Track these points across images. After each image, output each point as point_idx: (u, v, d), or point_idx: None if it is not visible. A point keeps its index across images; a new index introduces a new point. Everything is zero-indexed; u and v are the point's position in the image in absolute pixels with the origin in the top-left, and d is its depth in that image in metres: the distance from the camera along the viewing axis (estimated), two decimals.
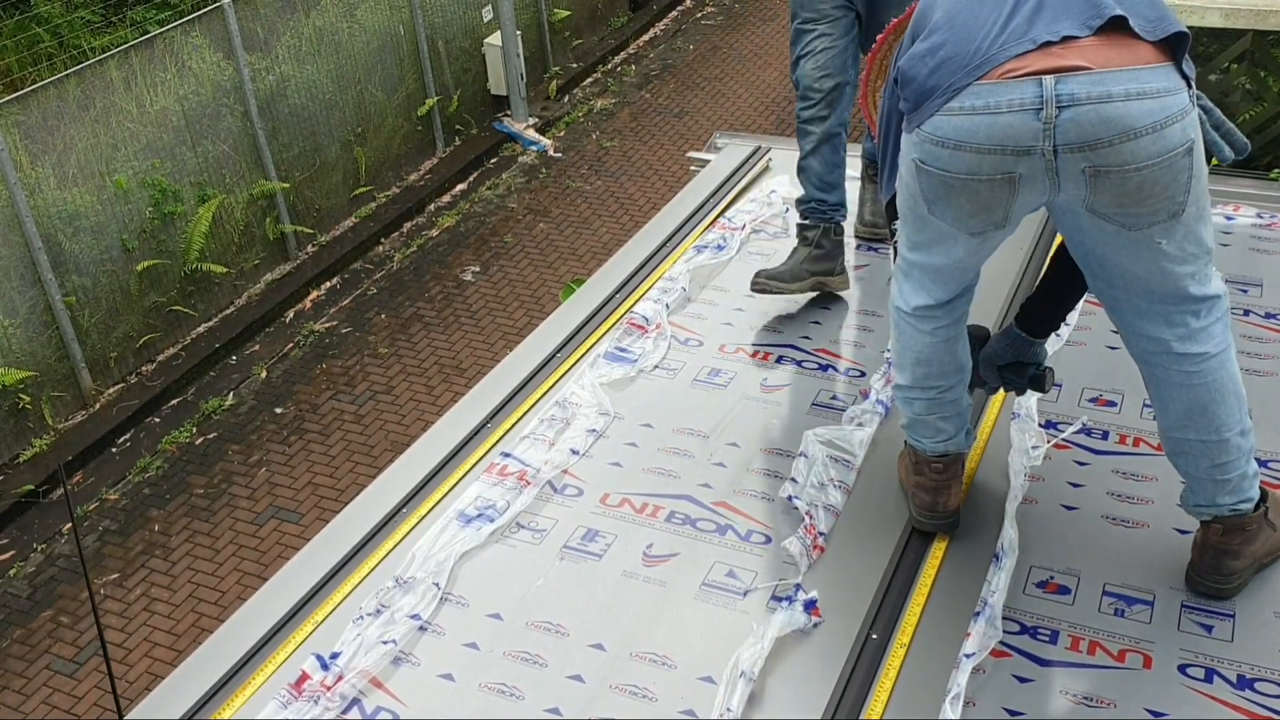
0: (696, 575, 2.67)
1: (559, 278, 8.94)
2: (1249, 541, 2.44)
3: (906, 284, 2.52)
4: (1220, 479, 2.41)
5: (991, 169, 2.19)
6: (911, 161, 2.31)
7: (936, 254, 2.42)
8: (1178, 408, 2.39)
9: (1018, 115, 2.13)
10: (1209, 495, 2.44)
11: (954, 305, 2.52)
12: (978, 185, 2.23)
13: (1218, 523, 2.44)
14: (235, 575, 6.54)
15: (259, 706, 2.39)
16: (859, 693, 2.33)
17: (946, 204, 2.29)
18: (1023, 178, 2.19)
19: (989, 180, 2.21)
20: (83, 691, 5.88)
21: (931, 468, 2.65)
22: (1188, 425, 2.39)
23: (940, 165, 2.24)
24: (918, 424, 2.65)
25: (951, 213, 2.31)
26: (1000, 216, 2.29)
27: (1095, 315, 3.46)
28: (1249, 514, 2.43)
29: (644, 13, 13.22)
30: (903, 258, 2.52)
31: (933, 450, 2.65)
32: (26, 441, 7.48)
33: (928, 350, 2.55)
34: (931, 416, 2.62)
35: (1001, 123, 2.14)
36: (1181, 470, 2.48)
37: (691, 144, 9.99)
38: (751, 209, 4.21)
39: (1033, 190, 2.22)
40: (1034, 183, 2.20)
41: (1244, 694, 2.28)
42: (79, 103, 7.52)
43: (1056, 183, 2.19)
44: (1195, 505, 2.48)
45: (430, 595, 2.64)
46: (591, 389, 3.30)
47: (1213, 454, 2.39)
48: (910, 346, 2.57)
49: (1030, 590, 2.55)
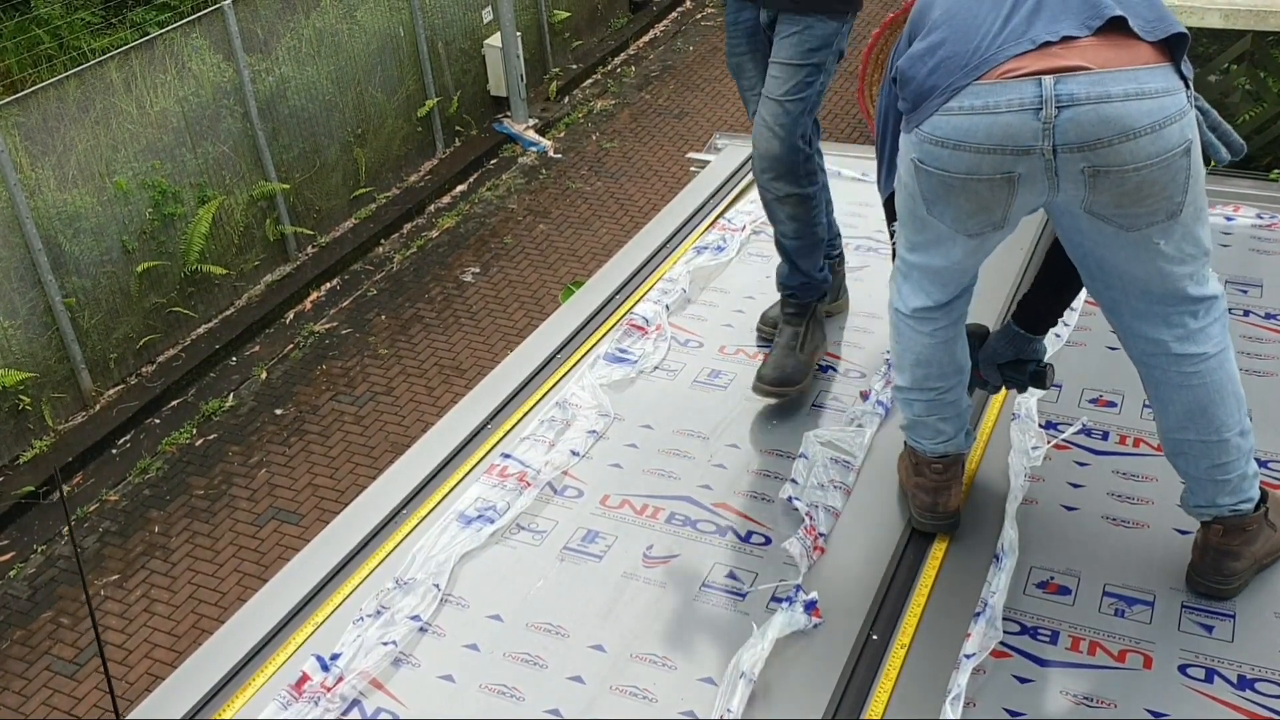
0: (696, 576, 2.67)
1: (559, 279, 8.94)
2: (1249, 542, 2.44)
3: (905, 286, 2.52)
4: (1220, 479, 2.41)
5: (991, 169, 2.19)
6: (910, 161, 2.31)
7: (935, 255, 2.42)
8: (1177, 409, 2.39)
9: (1017, 115, 2.13)
10: (1209, 496, 2.44)
11: (952, 307, 2.52)
12: (977, 185, 2.22)
13: (1218, 523, 2.44)
14: (235, 576, 6.54)
15: (259, 707, 2.39)
16: (859, 693, 2.33)
17: (945, 204, 2.29)
18: (1022, 177, 2.19)
19: (988, 180, 2.21)
20: (83, 693, 5.88)
21: (931, 469, 2.65)
22: (1187, 426, 2.39)
23: (939, 165, 2.24)
24: (917, 425, 2.65)
25: (951, 213, 2.30)
26: (999, 217, 2.29)
27: (1095, 316, 3.46)
28: (1249, 514, 2.43)
29: (644, 14, 13.22)
30: (901, 259, 2.52)
31: (932, 451, 2.65)
32: (27, 443, 7.48)
33: (927, 352, 2.55)
34: (931, 418, 2.62)
35: (1001, 122, 2.14)
36: (1181, 471, 2.48)
37: (691, 145, 9.99)
38: (751, 210, 4.21)
39: (1032, 190, 2.22)
40: (1033, 183, 2.20)
41: (1244, 694, 2.27)
42: (79, 104, 7.52)
43: (1055, 183, 2.19)
44: (1195, 506, 2.48)
45: (430, 596, 2.64)
46: (592, 390, 3.30)
47: (1212, 454, 2.39)
48: (909, 348, 2.57)
49: (1030, 591, 2.55)
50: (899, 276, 2.54)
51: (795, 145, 3.11)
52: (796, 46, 3.02)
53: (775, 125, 3.08)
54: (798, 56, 3.03)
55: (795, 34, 3.01)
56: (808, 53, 3.02)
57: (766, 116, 3.09)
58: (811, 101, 3.09)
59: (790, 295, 3.34)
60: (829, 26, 3.01)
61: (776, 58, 3.07)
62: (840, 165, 4.43)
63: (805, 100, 3.07)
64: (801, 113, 3.08)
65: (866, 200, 4.27)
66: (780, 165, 3.13)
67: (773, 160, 3.13)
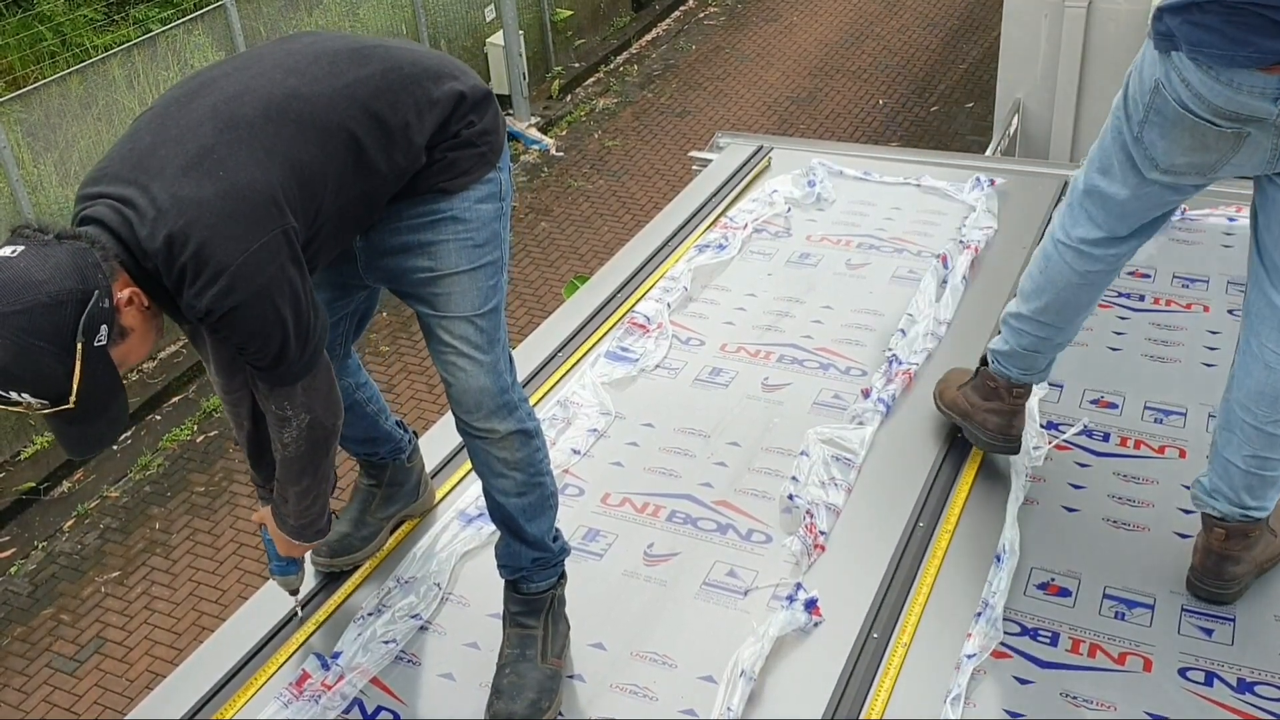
0: (697, 575, 2.67)
1: (561, 276, 8.93)
2: (1250, 547, 2.45)
3: (1078, 213, 2.52)
4: (1254, 473, 2.39)
5: (1226, 122, 2.19)
6: (1154, 78, 2.25)
7: (1120, 184, 2.40)
8: (1253, 384, 2.36)
9: (1259, 100, 2.12)
10: (1233, 486, 2.41)
11: (1119, 246, 2.51)
12: (1207, 129, 2.22)
13: (1220, 527, 2.43)
14: (236, 574, 6.54)
15: (260, 706, 2.39)
16: (859, 692, 2.33)
17: (1163, 131, 2.27)
18: (1250, 137, 2.19)
19: (1218, 129, 2.21)
20: (83, 690, 5.88)
21: (1012, 394, 2.76)
22: (1251, 407, 2.36)
23: (1178, 99, 2.21)
24: (1015, 355, 2.73)
25: (1164, 143, 2.29)
26: (1212, 163, 2.27)
27: (1096, 316, 3.46)
28: (1258, 521, 2.43)
29: (646, 12, 13.22)
30: (1078, 186, 2.52)
31: (1018, 379, 2.75)
32: (28, 439, 7.48)
33: (1067, 289, 2.57)
34: (1033, 351, 2.71)
35: (1239, 100, 2.13)
36: (1220, 448, 2.44)
37: (694, 143, 9.99)
38: (753, 208, 4.21)
39: (1254, 153, 2.22)
40: (1258, 147, 2.21)
41: (1244, 697, 2.27)
42: (81, 101, 7.52)
43: (1278, 154, 2.20)
44: (1212, 491, 2.45)
45: (431, 595, 2.64)
46: (593, 388, 3.30)
47: (1257, 446, 2.37)
48: (1054, 280, 2.58)
49: (1031, 592, 2.55)
50: (1069, 208, 2.55)
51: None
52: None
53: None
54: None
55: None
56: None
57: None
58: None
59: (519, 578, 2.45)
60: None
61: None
62: (843, 165, 4.44)
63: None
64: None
65: (868, 199, 4.28)
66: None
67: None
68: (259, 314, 1.91)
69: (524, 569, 2.41)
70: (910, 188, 4.31)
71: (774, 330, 3.57)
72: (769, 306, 3.68)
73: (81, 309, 1.75)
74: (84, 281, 1.76)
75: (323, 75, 2.03)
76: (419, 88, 2.12)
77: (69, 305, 1.74)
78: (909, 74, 11.41)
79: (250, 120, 1.93)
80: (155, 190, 1.85)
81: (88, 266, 1.77)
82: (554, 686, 2.35)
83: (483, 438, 2.30)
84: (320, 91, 2.01)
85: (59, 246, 1.78)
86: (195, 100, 1.96)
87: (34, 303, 1.72)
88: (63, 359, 1.75)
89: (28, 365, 1.73)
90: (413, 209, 2.19)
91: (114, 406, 1.86)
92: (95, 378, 1.79)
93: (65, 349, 1.74)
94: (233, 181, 1.86)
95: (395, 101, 2.07)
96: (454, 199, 2.20)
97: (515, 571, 2.41)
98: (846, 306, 3.65)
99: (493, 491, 2.37)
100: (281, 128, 1.95)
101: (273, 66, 2.03)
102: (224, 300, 1.86)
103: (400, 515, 2.83)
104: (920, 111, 10.74)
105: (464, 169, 2.20)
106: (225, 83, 1.99)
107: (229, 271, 1.84)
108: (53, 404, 1.78)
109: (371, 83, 2.06)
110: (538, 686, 2.32)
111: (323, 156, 1.98)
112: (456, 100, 2.16)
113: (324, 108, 2.00)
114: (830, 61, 11.83)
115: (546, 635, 2.40)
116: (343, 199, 2.04)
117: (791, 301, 3.70)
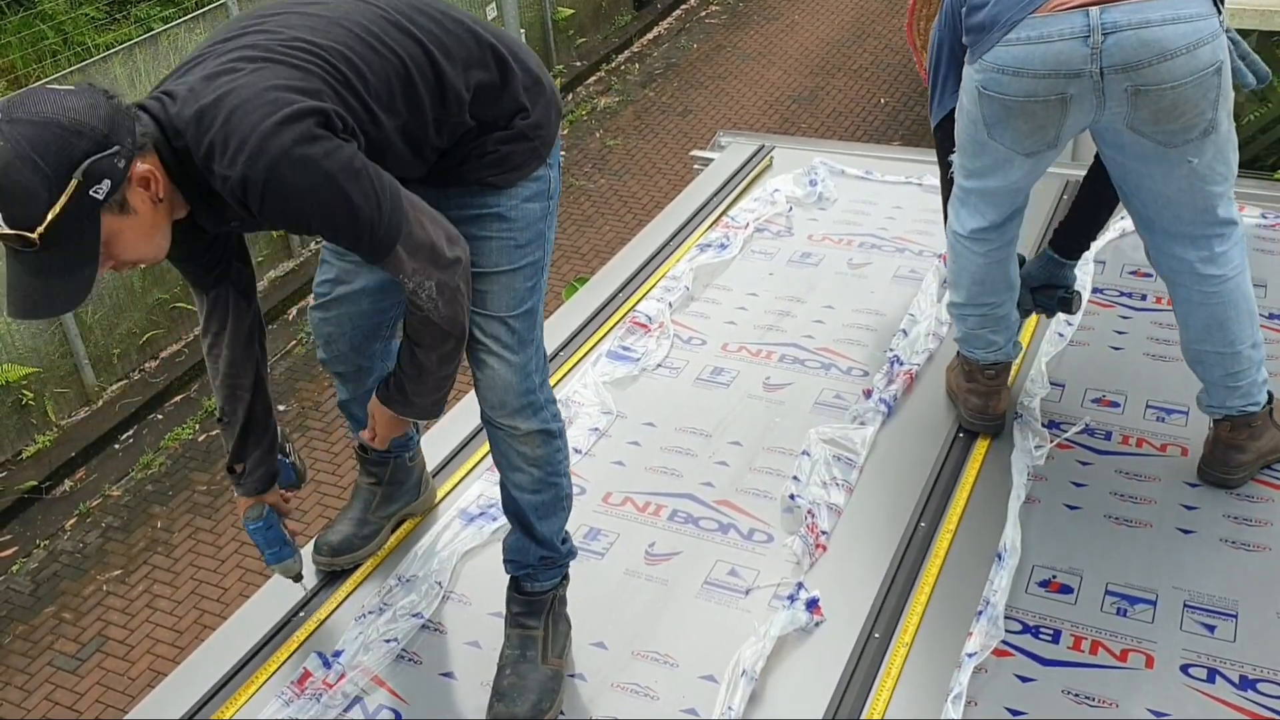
0: (699, 574, 2.67)
1: (562, 276, 8.93)
2: (1255, 438, 2.74)
3: (963, 210, 2.79)
4: (1232, 385, 2.71)
5: (1046, 91, 2.45)
6: (974, 89, 2.56)
7: (993, 178, 2.68)
8: (1197, 323, 2.69)
9: (1068, 43, 2.39)
10: (1221, 399, 2.74)
11: (1005, 228, 2.78)
12: (1034, 106, 2.48)
13: (1227, 420, 2.74)
14: (238, 573, 6.54)
15: (262, 704, 2.39)
16: (861, 692, 2.33)
17: (1005, 126, 2.55)
18: (1073, 98, 2.45)
19: (1044, 101, 2.46)
20: (85, 688, 5.88)
21: (984, 375, 2.96)
22: (1205, 339, 2.70)
23: (1001, 90, 2.50)
24: (971, 338, 2.95)
25: (1010, 135, 2.56)
26: (1053, 136, 2.54)
27: (1097, 315, 3.47)
28: (1256, 413, 2.73)
29: (648, 11, 13.21)
30: (959, 186, 2.78)
31: (984, 360, 2.94)
32: (30, 438, 7.48)
33: (981, 271, 2.82)
34: (984, 330, 2.91)
35: (1054, 50, 2.40)
36: (1199, 376, 2.78)
37: (695, 142, 9.98)
38: (755, 207, 4.21)
39: (1081, 109, 2.47)
40: (1082, 102, 2.45)
41: (1246, 694, 2.27)
42: None
43: (1102, 102, 2.44)
44: (1209, 406, 2.78)
45: (433, 593, 2.64)
46: (594, 387, 3.30)
47: (1226, 364, 2.70)
48: (966, 268, 2.84)
49: (1033, 589, 2.55)
50: (956, 203, 2.81)
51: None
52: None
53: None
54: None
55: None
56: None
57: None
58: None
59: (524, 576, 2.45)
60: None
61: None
62: (844, 164, 4.44)
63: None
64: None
65: (869, 198, 4.28)
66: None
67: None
68: (305, 183, 1.85)
69: (530, 566, 2.41)
70: (912, 187, 4.31)
71: (775, 330, 3.57)
72: (770, 306, 3.68)
73: (95, 151, 1.74)
74: (111, 130, 1.76)
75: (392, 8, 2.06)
76: (475, 42, 2.12)
77: (85, 141, 1.73)
78: (911, 73, 11.40)
79: (295, 34, 1.96)
80: (192, 78, 1.90)
81: (121, 122, 1.79)
82: (555, 687, 2.35)
83: (504, 430, 2.31)
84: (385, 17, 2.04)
85: (108, 100, 1.80)
86: (267, 19, 2.00)
87: (52, 120, 1.72)
88: (51, 186, 1.71)
89: (16, 175, 1.69)
90: (460, 199, 2.18)
91: (80, 273, 1.78)
92: (73, 225, 1.74)
93: (59, 178, 1.71)
94: (270, 65, 1.89)
95: (450, 49, 2.08)
96: (501, 195, 2.19)
97: (521, 568, 2.41)
98: (848, 306, 3.66)
99: (508, 484, 2.36)
100: (337, 32, 1.98)
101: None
102: (255, 165, 1.81)
103: (401, 514, 2.83)
104: (922, 110, 10.73)
105: (515, 164, 2.18)
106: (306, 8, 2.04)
107: (258, 132, 1.80)
108: (16, 228, 1.71)
109: (432, 27, 2.08)
110: (539, 688, 2.32)
111: (378, 64, 1.99)
112: (505, 73, 2.15)
113: (386, 29, 2.02)
114: (832, 60, 11.82)
115: (547, 636, 2.40)
116: (392, 121, 2.01)
117: (793, 301, 3.70)
